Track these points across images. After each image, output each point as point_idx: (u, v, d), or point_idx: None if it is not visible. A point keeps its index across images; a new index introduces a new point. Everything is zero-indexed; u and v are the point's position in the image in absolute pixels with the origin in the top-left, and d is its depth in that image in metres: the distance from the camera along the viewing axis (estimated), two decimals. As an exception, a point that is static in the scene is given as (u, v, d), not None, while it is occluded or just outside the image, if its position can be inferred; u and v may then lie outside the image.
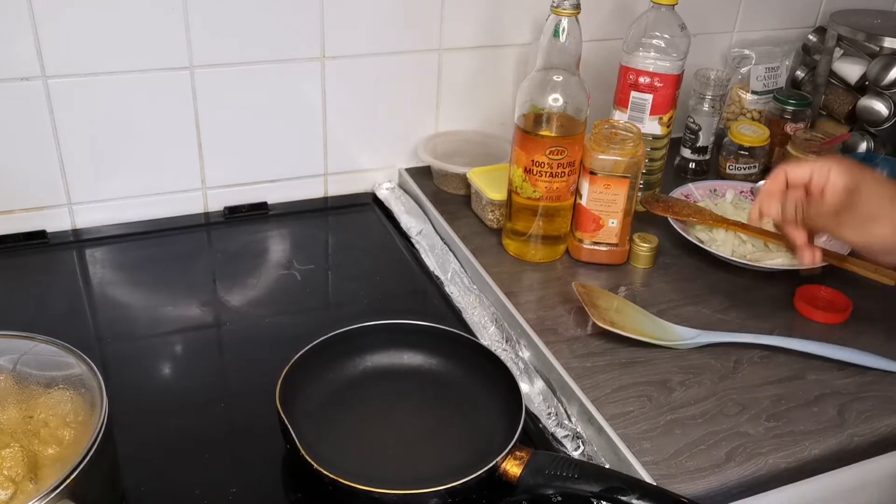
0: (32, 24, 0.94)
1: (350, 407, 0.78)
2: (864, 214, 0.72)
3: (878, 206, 0.72)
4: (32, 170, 1.02)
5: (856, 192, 0.72)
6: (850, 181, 0.73)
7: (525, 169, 0.95)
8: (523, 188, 0.97)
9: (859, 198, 0.72)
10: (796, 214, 0.76)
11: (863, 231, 0.73)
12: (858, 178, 0.73)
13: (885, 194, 0.72)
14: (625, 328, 0.86)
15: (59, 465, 0.60)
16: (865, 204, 0.72)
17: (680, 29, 1.04)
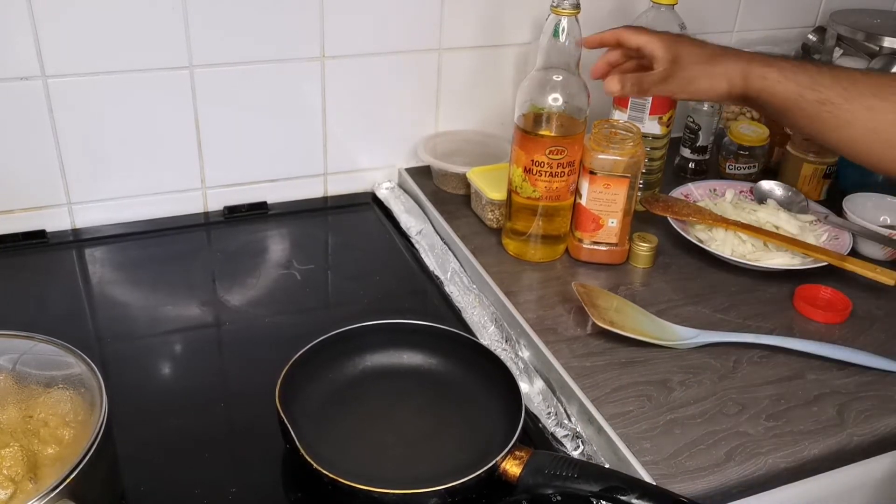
0: (32, 24, 0.94)
1: (350, 406, 0.78)
2: (685, 77, 0.83)
3: (696, 68, 0.83)
4: (32, 169, 1.02)
5: (677, 60, 0.83)
6: (672, 53, 0.83)
7: (525, 169, 0.95)
8: (523, 188, 0.96)
9: (680, 65, 0.83)
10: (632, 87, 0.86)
11: (686, 89, 0.84)
12: (677, 49, 0.84)
13: (701, 57, 0.84)
14: (624, 328, 0.86)
15: (59, 465, 0.60)
16: (686, 68, 0.83)
17: (680, 28, 1.04)
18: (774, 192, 1.15)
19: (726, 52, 0.83)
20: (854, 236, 1.04)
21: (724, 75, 0.82)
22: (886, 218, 1.10)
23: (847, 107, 0.78)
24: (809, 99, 0.79)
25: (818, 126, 0.80)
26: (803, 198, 1.13)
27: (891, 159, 0.79)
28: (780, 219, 1.06)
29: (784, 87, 0.79)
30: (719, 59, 0.83)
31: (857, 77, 0.79)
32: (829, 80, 0.78)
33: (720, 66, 0.82)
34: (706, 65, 0.83)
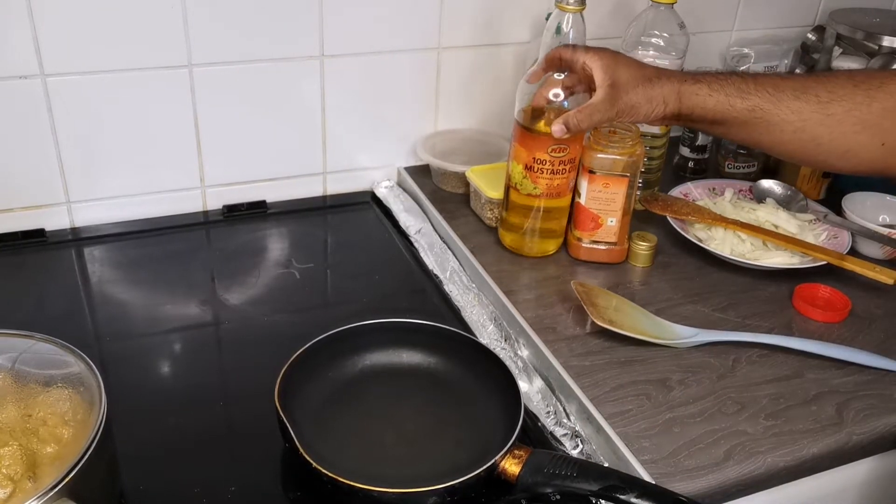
0: (31, 22, 0.94)
1: (349, 406, 0.78)
2: (627, 102, 0.84)
3: (636, 93, 0.84)
4: (31, 168, 1.02)
5: (615, 84, 0.84)
6: (610, 75, 0.84)
7: (526, 166, 0.95)
8: (523, 185, 0.96)
9: (621, 88, 0.84)
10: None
11: (629, 114, 0.85)
12: (616, 71, 0.85)
13: (638, 80, 0.85)
14: (623, 327, 0.86)
15: (58, 464, 0.60)
16: (627, 93, 0.84)
17: (679, 27, 1.04)
18: (773, 191, 1.15)
19: (660, 74, 0.86)
20: (853, 235, 1.04)
21: (661, 97, 0.84)
22: (885, 217, 1.10)
23: (774, 110, 0.82)
24: (739, 107, 0.83)
25: (750, 131, 0.85)
26: (802, 197, 1.13)
27: (818, 155, 0.85)
28: (779, 218, 1.06)
29: (715, 100, 0.83)
30: (655, 82, 0.84)
31: (778, 81, 0.83)
32: (754, 87, 0.83)
33: (657, 88, 0.84)
34: (644, 88, 0.84)
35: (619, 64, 0.85)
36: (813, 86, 0.82)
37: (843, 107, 0.81)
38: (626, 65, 0.86)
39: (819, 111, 0.81)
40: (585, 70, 0.86)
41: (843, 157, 0.84)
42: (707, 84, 0.84)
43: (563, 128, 0.86)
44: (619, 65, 0.85)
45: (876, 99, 0.81)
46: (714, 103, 0.83)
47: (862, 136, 0.82)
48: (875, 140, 0.82)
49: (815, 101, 0.81)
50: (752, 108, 0.83)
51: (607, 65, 0.85)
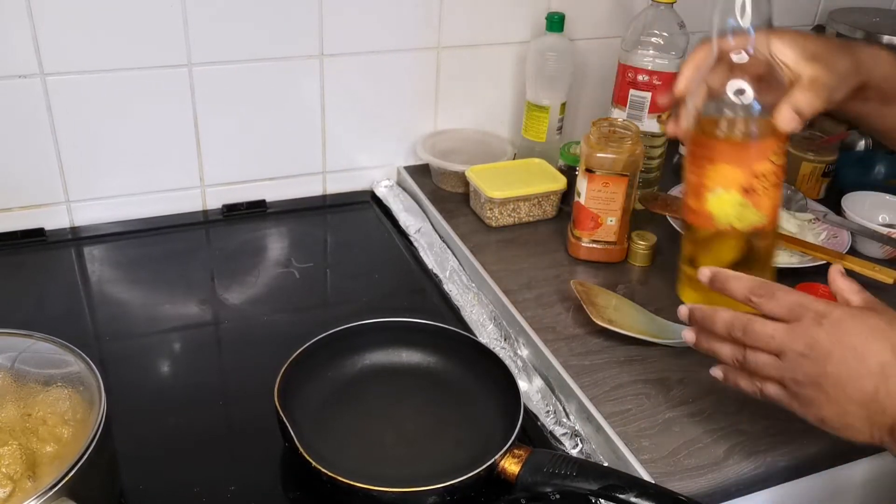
0: (30, 22, 0.94)
1: (348, 405, 0.78)
2: (844, 72, 0.71)
3: (841, 60, 0.71)
4: (30, 167, 1.02)
5: (817, 57, 0.70)
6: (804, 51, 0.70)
7: (745, 190, 0.70)
8: (743, 216, 0.71)
9: (824, 60, 0.70)
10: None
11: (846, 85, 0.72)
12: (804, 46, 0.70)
13: (830, 48, 0.71)
14: (623, 326, 0.86)
15: (58, 463, 0.60)
16: (834, 62, 0.70)
17: (678, 27, 1.04)
18: (773, 191, 1.15)
19: (850, 42, 0.75)
20: (853, 235, 1.04)
21: (860, 62, 0.72)
22: (885, 216, 1.10)
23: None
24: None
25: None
26: (802, 196, 1.13)
27: None
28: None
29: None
30: (853, 47, 0.73)
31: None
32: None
33: (857, 53, 0.73)
34: (847, 53, 0.71)
35: (805, 38, 0.72)
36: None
37: None
38: (813, 38, 0.73)
39: None
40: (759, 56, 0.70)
41: None
42: (887, 52, 0.74)
43: (794, 115, 0.68)
44: (807, 38, 0.72)
45: None
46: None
47: None
48: None
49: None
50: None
51: (793, 40, 0.71)
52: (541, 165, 1.13)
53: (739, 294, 0.67)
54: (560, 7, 1.16)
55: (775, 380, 0.65)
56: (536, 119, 1.17)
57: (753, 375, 0.67)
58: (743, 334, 0.66)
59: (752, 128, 0.69)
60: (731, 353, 0.68)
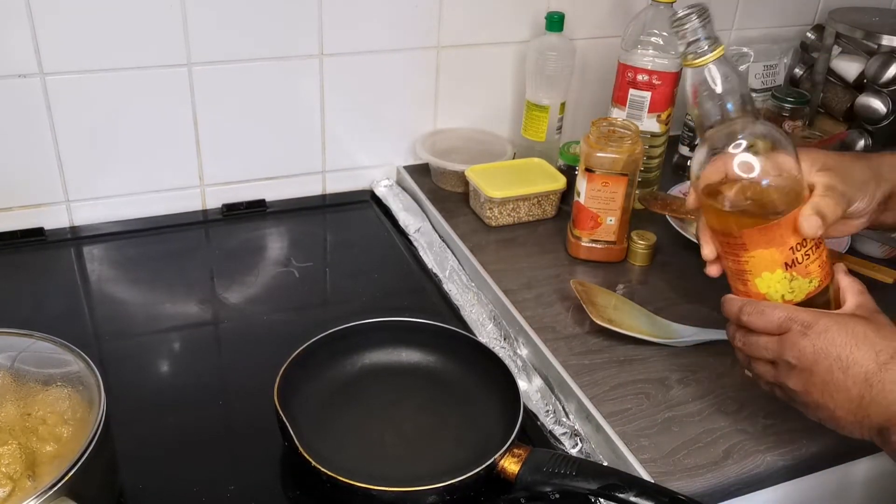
0: (30, 21, 0.94)
1: (348, 404, 0.78)
2: (860, 180, 0.72)
3: (858, 170, 0.72)
4: (30, 167, 1.02)
5: (828, 167, 0.70)
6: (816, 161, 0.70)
7: (787, 265, 0.69)
8: (795, 288, 0.70)
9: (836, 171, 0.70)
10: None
11: (863, 192, 0.72)
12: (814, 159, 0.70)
13: (846, 160, 0.72)
14: (623, 326, 0.87)
15: (58, 463, 0.60)
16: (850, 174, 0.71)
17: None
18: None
19: (866, 153, 0.75)
20: (852, 234, 1.04)
21: (883, 173, 0.74)
22: (884, 216, 1.10)
23: None
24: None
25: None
26: (801, 196, 1.13)
27: None
28: (778, 217, 1.06)
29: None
30: (868, 157, 0.74)
31: None
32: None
33: (873, 161, 0.74)
34: (862, 163, 0.73)
35: (818, 152, 0.72)
36: None
37: None
38: (826, 153, 0.73)
39: None
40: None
41: None
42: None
43: (818, 219, 0.67)
44: (820, 152, 0.72)
45: None
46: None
47: None
48: None
49: None
50: None
51: (806, 152, 0.71)
52: (540, 165, 1.13)
53: (731, 315, 0.71)
54: (560, 6, 1.16)
55: (777, 385, 0.69)
56: (536, 118, 1.17)
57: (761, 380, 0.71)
58: (743, 345, 0.71)
59: (774, 206, 0.67)
60: (742, 359, 0.72)
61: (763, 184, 0.67)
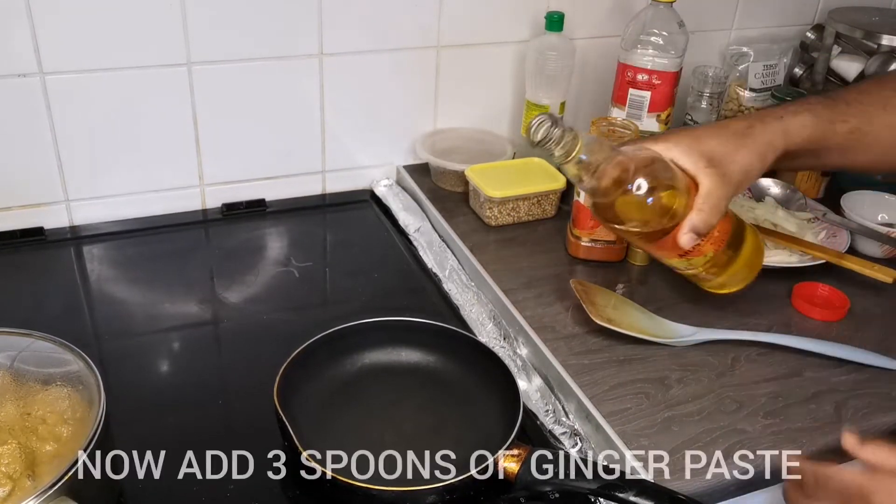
0: (30, 20, 0.94)
1: (348, 404, 0.78)
2: (741, 172, 0.75)
3: (740, 155, 0.75)
4: (30, 166, 1.02)
5: (712, 160, 0.74)
6: (700, 155, 0.74)
7: (679, 255, 0.80)
8: (692, 264, 0.81)
9: (720, 161, 0.74)
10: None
11: (748, 181, 0.76)
12: (700, 146, 0.74)
13: (732, 140, 0.75)
14: (622, 325, 0.87)
15: (57, 462, 0.60)
16: (731, 161, 0.74)
17: (678, 26, 1.04)
18: (772, 190, 1.15)
19: (753, 121, 0.77)
20: (852, 234, 1.04)
21: (769, 145, 0.76)
22: (884, 215, 1.10)
23: (870, 129, 0.79)
24: (840, 132, 0.79)
25: (846, 156, 0.81)
26: (801, 195, 1.13)
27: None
28: (778, 216, 1.06)
29: (822, 130, 0.78)
30: (753, 133, 0.76)
31: (863, 97, 0.80)
32: (847, 107, 0.79)
33: (759, 137, 0.76)
34: (746, 145, 0.75)
35: (700, 139, 0.76)
36: (891, 95, 0.80)
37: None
38: (709, 134, 0.76)
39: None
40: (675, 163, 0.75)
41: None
42: (811, 112, 0.78)
43: (693, 235, 0.75)
44: (701, 139, 0.76)
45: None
46: (821, 132, 0.77)
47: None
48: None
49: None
50: (852, 129, 0.79)
51: (689, 146, 0.75)
52: (540, 164, 1.13)
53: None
54: (559, 6, 1.16)
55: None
56: (536, 118, 1.17)
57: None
58: None
59: (656, 225, 0.76)
60: None
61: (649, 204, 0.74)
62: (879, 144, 0.81)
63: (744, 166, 0.75)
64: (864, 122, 0.79)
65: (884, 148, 0.81)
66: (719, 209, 0.74)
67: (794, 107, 0.79)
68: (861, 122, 0.79)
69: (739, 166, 0.75)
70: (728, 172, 0.74)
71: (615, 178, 0.73)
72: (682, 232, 0.74)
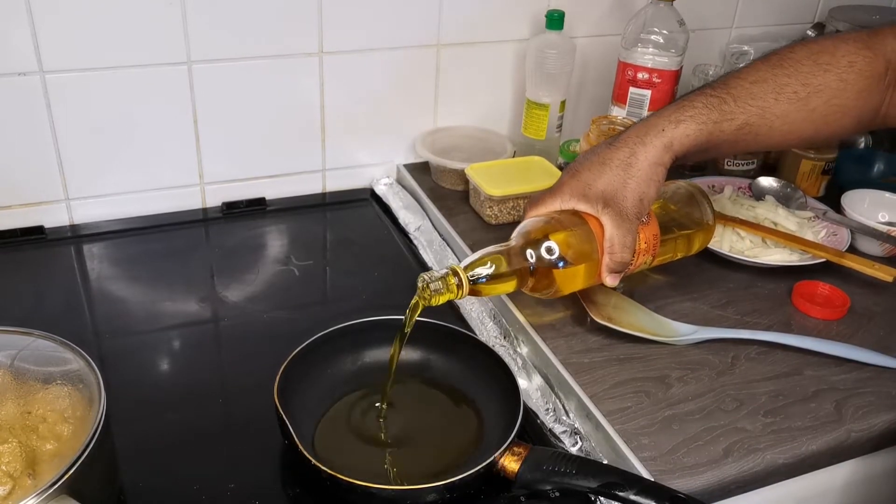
0: (30, 19, 0.94)
1: (348, 403, 0.78)
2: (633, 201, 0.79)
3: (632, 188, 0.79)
4: (30, 165, 1.02)
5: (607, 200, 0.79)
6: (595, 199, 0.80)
7: (626, 273, 0.85)
8: (635, 274, 0.89)
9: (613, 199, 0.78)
10: None
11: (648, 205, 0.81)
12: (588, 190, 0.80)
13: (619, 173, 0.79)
14: (622, 324, 0.87)
15: (58, 461, 0.60)
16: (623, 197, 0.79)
17: (678, 25, 1.04)
18: (773, 189, 1.15)
19: (634, 143, 0.79)
20: (852, 233, 1.04)
21: (655, 164, 0.78)
22: (885, 214, 1.10)
23: (761, 122, 0.81)
24: (728, 130, 0.80)
25: (739, 146, 0.84)
26: (801, 194, 1.13)
27: (805, 144, 0.97)
28: (778, 215, 1.06)
29: (707, 133, 0.79)
30: (636, 159, 0.78)
31: (753, 88, 0.81)
32: (736, 105, 0.80)
33: (643, 161, 0.78)
34: (632, 173, 0.78)
35: (584, 181, 0.79)
36: (787, 82, 0.81)
37: (822, 98, 0.81)
38: (593, 172, 0.79)
39: (801, 108, 0.80)
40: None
41: (827, 140, 0.90)
42: (694, 120, 0.79)
43: (616, 275, 0.81)
44: (586, 181, 0.79)
45: (849, 82, 0.81)
46: (706, 136, 0.79)
47: (844, 119, 0.83)
48: (853, 121, 0.83)
49: (795, 99, 0.80)
50: (740, 126, 0.80)
51: (575, 190, 0.79)
52: (540, 163, 1.13)
53: None
54: (560, 4, 1.16)
55: None
56: (536, 117, 1.17)
57: None
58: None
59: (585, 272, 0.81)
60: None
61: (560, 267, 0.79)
62: (772, 134, 0.82)
63: (636, 197, 0.78)
64: (753, 118, 0.80)
65: (777, 136, 0.82)
66: (626, 245, 0.79)
67: (676, 114, 0.79)
68: (749, 118, 0.80)
69: (632, 199, 0.78)
70: (623, 209, 0.78)
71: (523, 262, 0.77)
72: (604, 275, 0.80)
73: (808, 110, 0.81)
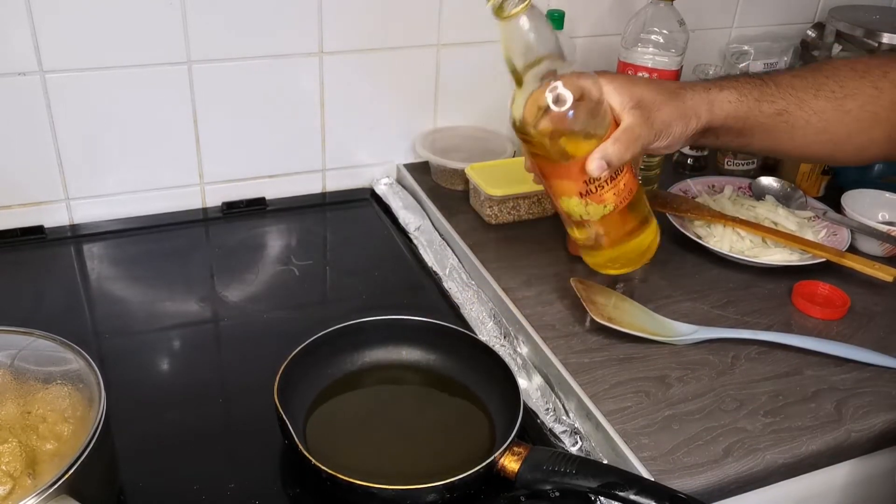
0: (30, 19, 0.94)
1: (348, 402, 0.78)
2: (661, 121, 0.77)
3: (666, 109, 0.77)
4: (30, 165, 1.02)
5: (641, 104, 0.76)
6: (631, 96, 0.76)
7: (581, 194, 0.78)
8: (590, 212, 0.79)
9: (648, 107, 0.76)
10: None
11: (665, 135, 0.78)
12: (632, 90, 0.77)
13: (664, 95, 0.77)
14: (622, 324, 0.87)
15: (58, 461, 0.60)
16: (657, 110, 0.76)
17: (678, 24, 1.04)
18: (773, 188, 1.15)
19: (684, 86, 0.79)
20: (852, 233, 1.04)
21: (692, 110, 0.78)
22: (885, 214, 1.10)
23: (799, 113, 0.80)
24: (768, 112, 0.80)
25: (774, 138, 0.82)
26: (802, 194, 1.13)
27: (835, 153, 0.85)
28: (778, 215, 1.06)
29: (746, 107, 0.79)
30: (683, 94, 0.78)
31: (794, 80, 0.81)
32: (777, 89, 0.80)
33: (687, 100, 0.77)
34: (674, 103, 0.76)
35: (634, 83, 0.77)
36: (825, 81, 0.81)
37: (857, 101, 0.80)
38: (644, 83, 0.78)
39: (837, 108, 0.80)
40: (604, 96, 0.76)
41: (857, 154, 0.84)
42: (736, 90, 0.79)
43: (603, 163, 0.73)
44: (636, 84, 0.77)
45: (884, 91, 0.80)
46: (746, 110, 0.78)
47: (875, 130, 0.82)
48: (885, 134, 0.82)
49: (832, 98, 0.80)
50: (779, 111, 0.79)
51: (622, 85, 0.76)
52: (540, 163, 1.13)
53: None
54: (560, 4, 1.16)
55: None
56: (536, 116, 1.17)
57: None
58: None
59: (571, 148, 0.75)
60: None
61: (568, 117, 0.74)
62: (806, 130, 0.81)
63: (667, 119, 0.76)
64: (792, 106, 0.80)
65: (811, 134, 0.82)
66: (634, 147, 0.75)
67: (722, 82, 0.80)
68: (789, 105, 0.80)
69: (663, 117, 0.76)
70: (652, 117, 0.76)
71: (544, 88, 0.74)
72: (593, 157, 0.74)
73: (843, 111, 0.80)
